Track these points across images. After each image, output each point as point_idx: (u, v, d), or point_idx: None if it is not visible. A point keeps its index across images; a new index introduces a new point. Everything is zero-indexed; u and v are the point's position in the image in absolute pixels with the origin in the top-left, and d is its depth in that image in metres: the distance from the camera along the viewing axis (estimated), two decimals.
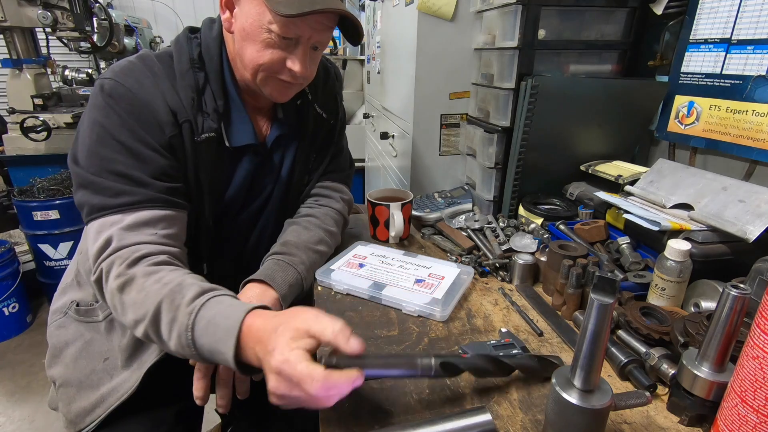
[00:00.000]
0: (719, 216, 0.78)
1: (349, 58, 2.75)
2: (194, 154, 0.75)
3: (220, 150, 0.79)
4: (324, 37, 0.76)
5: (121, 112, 0.69)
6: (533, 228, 0.99)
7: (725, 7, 0.91)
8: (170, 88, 0.73)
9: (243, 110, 0.81)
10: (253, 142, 0.82)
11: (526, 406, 0.57)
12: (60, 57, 3.11)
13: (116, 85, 0.69)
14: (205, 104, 0.76)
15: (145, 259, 0.65)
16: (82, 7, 2.16)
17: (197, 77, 0.75)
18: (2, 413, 1.78)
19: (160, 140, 0.71)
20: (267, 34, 0.71)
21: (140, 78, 0.71)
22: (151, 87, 0.71)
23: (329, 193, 0.97)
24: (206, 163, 0.77)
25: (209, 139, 0.76)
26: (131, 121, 0.69)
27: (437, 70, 1.28)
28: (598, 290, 0.43)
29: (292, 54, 0.74)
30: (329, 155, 0.97)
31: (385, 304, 0.79)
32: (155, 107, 0.70)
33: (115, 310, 0.65)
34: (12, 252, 2.16)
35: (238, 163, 0.83)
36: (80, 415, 0.76)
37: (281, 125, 0.88)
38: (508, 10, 1.03)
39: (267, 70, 0.74)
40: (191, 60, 0.76)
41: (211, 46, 0.78)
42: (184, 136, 0.73)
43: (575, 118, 1.06)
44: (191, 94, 0.74)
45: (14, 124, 2.18)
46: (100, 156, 0.68)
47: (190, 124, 0.73)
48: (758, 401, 0.42)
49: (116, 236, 0.66)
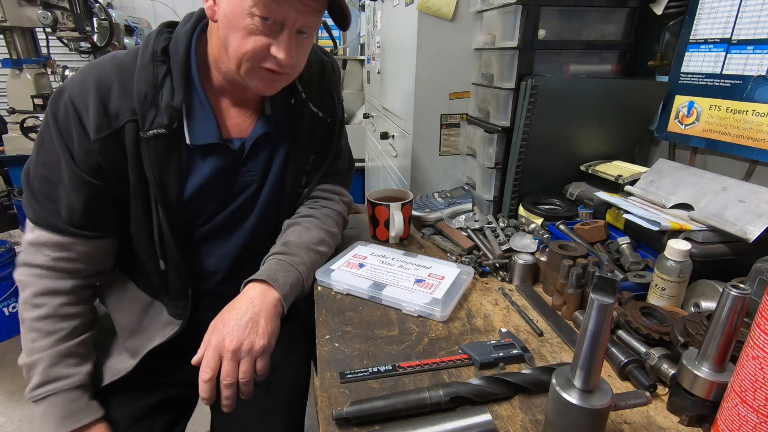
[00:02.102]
0: (719, 216, 0.78)
1: (349, 58, 2.75)
2: (137, 151, 0.72)
3: (175, 148, 0.75)
4: (310, 20, 0.71)
5: (54, 122, 0.71)
6: (533, 228, 0.99)
7: (725, 7, 0.91)
8: (118, 88, 0.71)
9: (208, 107, 0.77)
10: (216, 141, 0.77)
11: (526, 406, 0.57)
12: (60, 57, 3.10)
13: (60, 93, 0.71)
14: (161, 99, 0.72)
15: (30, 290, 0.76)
16: (82, 7, 2.16)
17: (157, 71, 0.72)
18: (2, 413, 1.78)
19: (84, 148, 0.70)
20: (249, 20, 0.66)
21: (85, 82, 0.70)
22: (92, 91, 0.69)
23: (329, 196, 0.97)
24: (154, 162, 0.73)
25: (158, 135, 0.72)
26: (58, 131, 0.70)
27: (437, 70, 1.28)
28: (598, 290, 0.43)
29: (277, 40, 0.69)
30: (329, 157, 0.95)
31: (385, 304, 0.79)
32: (87, 111, 0.69)
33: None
34: (12, 252, 2.16)
35: (202, 163, 0.79)
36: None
37: (268, 123, 0.83)
38: (508, 10, 1.03)
39: (251, 59, 0.70)
40: (153, 54, 0.73)
41: (179, 40, 0.75)
42: (126, 135, 0.71)
43: (575, 118, 1.06)
44: (145, 89, 0.71)
45: (14, 124, 2.18)
46: (33, 159, 0.73)
47: (136, 123, 0.71)
48: (758, 401, 0.42)
49: (23, 248, 0.75)
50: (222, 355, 0.66)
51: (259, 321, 0.69)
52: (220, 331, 0.67)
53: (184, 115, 0.75)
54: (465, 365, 0.64)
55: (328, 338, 0.70)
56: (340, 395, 0.58)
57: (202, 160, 0.79)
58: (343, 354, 0.66)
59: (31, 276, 0.75)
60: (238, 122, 0.82)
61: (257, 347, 0.68)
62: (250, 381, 0.68)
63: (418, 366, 0.63)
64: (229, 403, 0.67)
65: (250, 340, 0.67)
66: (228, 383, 0.66)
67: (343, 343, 0.69)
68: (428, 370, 0.63)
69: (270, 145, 0.86)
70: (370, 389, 0.59)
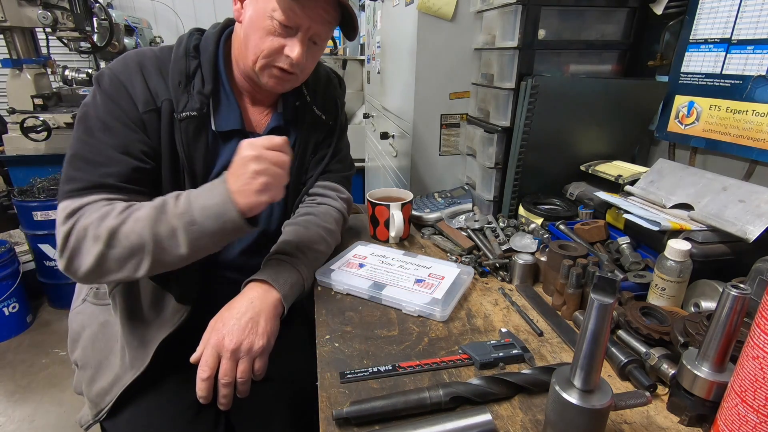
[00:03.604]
0: (719, 216, 0.78)
1: (349, 58, 2.75)
2: (170, 130, 0.78)
3: (204, 132, 0.82)
4: (322, 30, 0.81)
5: (101, 93, 0.76)
6: (533, 228, 0.99)
7: (725, 7, 0.91)
8: (156, 73, 0.79)
9: (233, 99, 0.86)
10: (238, 127, 0.85)
11: (526, 406, 0.57)
12: (60, 57, 3.10)
13: (104, 70, 0.78)
14: (193, 87, 0.81)
15: (108, 208, 0.69)
16: (82, 7, 2.16)
17: (189, 63, 0.81)
18: (2, 413, 1.78)
19: (132, 115, 0.76)
20: (269, 22, 0.76)
21: (127, 62, 0.79)
22: (135, 70, 0.78)
23: (327, 192, 0.98)
24: (185, 141, 0.79)
25: (190, 117, 0.79)
26: (108, 100, 0.75)
27: (437, 70, 1.28)
28: (598, 290, 0.43)
29: (291, 43, 0.78)
30: (328, 156, 0.98)
31: (385, 304, 0.79)
32: (133, 85, 0.76)
33: (110, 272, 0.69)
34: (12, 252, 2.16)
35: (223, 148, 0.85)
36: (100, 395, 0.80)
37: (279, 118, 0.91)
38: (508, 10, 1.03)
39: (267, 56, 0.79)
40: (186, 49, 0.82)
41: (209, 40, 0.85)
42: (162, 113, 0.78)
43: (575, 118, 1.06)
44: (179, 77, 0.80)
45: (14, 124, 2.18)
46: (79, 130, 0.74)
47: (171, 103, 0.78)
48: (758, 401, 0.42)
49: (78, 215, 0.69)
50: (221, 354, 0.66)
51: (259, 321, 0.69)
52: (220, 330, 0.68)
53: (211, 104, 0.83)
54: (465, 365, 0.64)
55: (328, 338, 0.70)
56: (340, 395, 0.58)
57: (224, 145, 0.85)
58: (343, 354, 0.66)
59: (100, 215, 0.69)
60: (256, 118, 0.91)
61: (256, 347, 0.68)
62: (247, 381, 0.68)
63: (418, 366, 0.63)
64: (226, 402, 0.67)
65: (250, 340, 0.67)
66: (225, 383, 0.66)
67: (343, 343, 0.69)
68: (428, 370, 0.63)
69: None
70: (370, 389, 0.59)
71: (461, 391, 0.55)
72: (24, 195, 2.16)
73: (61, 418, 1.75)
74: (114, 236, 0.67)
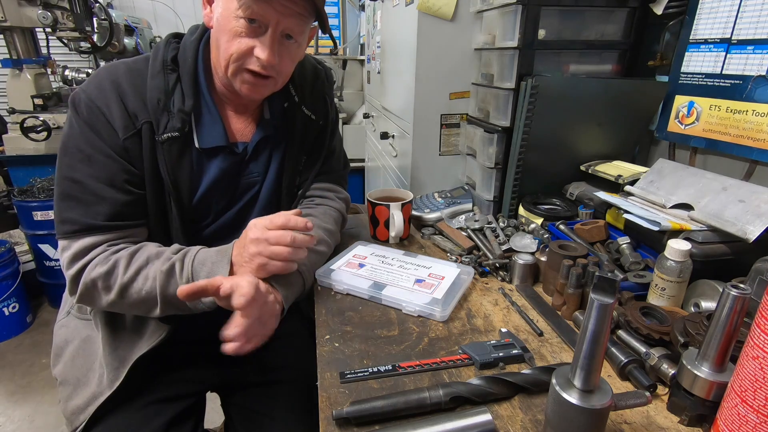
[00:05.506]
0: (719, 216, 0.78)
1: (349, 58, 2.75)
2: (153, 154, 0.76)
3: (187, 151, 0.79)
4: (293, 23, 0.74)
5: (80, 120, 0.73)
6: (533, 228, 0.99)
7: (725, 7, 0.91)
8: (133, 91, 0.75)
9: (215, 112, 0.82)
10: (222, 144, 0.81)
11: (526, 406, 0.57)
12: (60, 57, 3.10)
13: (79, 94, 0.74)
14: (173, 104, 0.77)
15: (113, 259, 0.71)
16: (82, 7, 2.15)
17: (168, 78, 0.77)
18: (2, 413, 1.78)
19: (112, 143, 0.73)
20: (235, 22, 0.71)
21: (101, 84, 0.74)
22: (110, 92, 0.73)
23: (324, 194, 0.97)
24: (169, 163, 0.77)
25: (172, 138, 0.76)
26: (86, 128, 0.73)
27: (437, 70, 1.28)
28: (598, 290, 0.43)
29: (260, 42, 0.73)
30: (321, 157, 0.96)
31: (385, 304, 0.79)
32: (110, 111, 0.73)
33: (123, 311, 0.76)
34: (12, 252, 2.16)
35: (209, 165, 0.82)
36: (75, 413, 0.78)
37: (267, 127, 0.87)
38: (508, 10, 1.03)
39: (237, 60, 0.74)
40: (164, 62, 0.78)
41: (187, 49, 0.80)
42: (143, 136, 0.75)
43: (575, 118, 1.06)
44: (158, 95, 0.76)
45: (14, 124, 2.18)
46: (62, 164, 0.73)
47: (151, 125, 0.75)
48: (758, 401, 0.42)
49: (70, 264, 0.72)
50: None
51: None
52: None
53: (193, 119, 0.79)
54: (465, 365, 0.64)
55: (328, 338, 0.70)
56: (340, 395, 0.58)
57: (209, 162, 0.82)
58: (343, 354, 0.66)
59: (102, 264, 0.71)
60: (240, 127, 0.87)
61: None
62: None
63: (418, 366, 0.63)
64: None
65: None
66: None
67: (343, 343, 0.69)
68: (428, 370, 0.63)
69: (269, 148, 0.89)
70: (370, 389, 0.59)
71: (461, 391, 0.55)
72: (24, 195, 2.16)
73: (61, 418, 1.74)
74: (125, 291, 0.71)
